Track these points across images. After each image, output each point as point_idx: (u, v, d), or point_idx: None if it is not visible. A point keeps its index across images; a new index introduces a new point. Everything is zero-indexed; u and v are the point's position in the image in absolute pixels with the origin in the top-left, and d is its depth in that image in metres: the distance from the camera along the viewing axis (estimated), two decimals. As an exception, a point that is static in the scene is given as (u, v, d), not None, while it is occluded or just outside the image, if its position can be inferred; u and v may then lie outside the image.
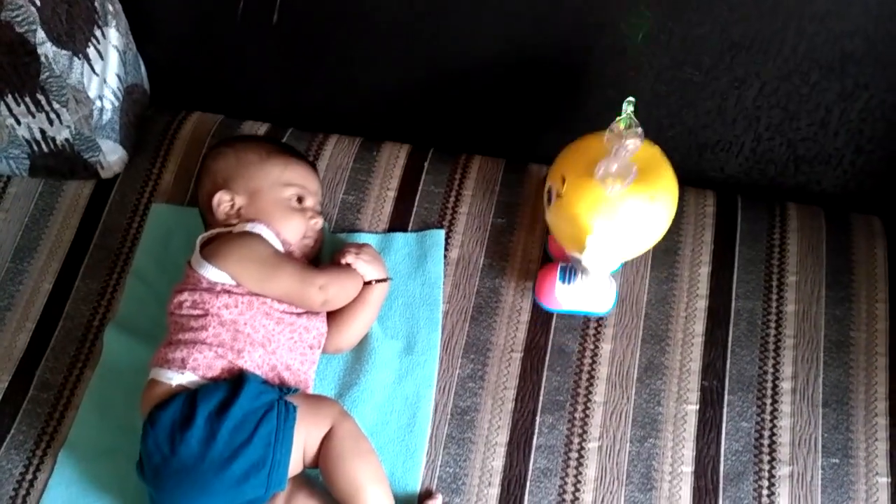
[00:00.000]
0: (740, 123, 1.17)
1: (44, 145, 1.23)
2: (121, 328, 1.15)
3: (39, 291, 1.20)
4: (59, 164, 1.26)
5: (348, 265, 1.09)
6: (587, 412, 1.09)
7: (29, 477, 1.07)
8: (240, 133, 1.30)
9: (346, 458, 0.97)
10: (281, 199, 1.11)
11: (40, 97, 1.16)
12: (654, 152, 1.02)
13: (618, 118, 0.96)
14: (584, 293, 1.11)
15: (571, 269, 1.12)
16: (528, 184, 1.26)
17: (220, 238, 1.06)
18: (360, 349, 1.12)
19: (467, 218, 1.23)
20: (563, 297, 1.11)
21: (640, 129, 0.95)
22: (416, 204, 1.24)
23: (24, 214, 1.26)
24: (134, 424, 1.01)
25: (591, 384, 1.11)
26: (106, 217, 1.26)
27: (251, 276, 1.03)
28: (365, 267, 1.09)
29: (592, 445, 1.08)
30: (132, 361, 1.10)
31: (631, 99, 0.95)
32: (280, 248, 1.08)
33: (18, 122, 1.20)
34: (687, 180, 1.25)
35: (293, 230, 1.10)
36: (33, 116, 1.18)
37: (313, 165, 1.21)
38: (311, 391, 1.07)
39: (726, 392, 1.10)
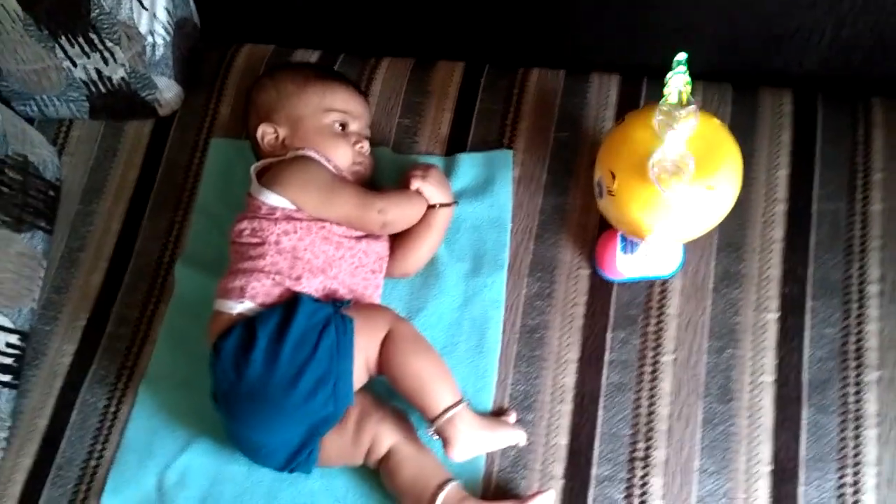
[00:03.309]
0: (821, 6, 1.08)
1: (101, 86, 1.23)
2: (190, 263, 1.17)
3: (109, 231, 1.22)
4: (117, 104, 1.26)
5: (415, 190, 1.07)
6: (661, 325, 1.06)
7: (112, 409, 1.11)
8: (295, 61, 1.28)
9: (406, 357, 0.96)
10: (323, 126, 1.09)
11: (93, 36, 1.16)
12: (711, 127, 0.93)
13: (665, 89, 0.88)
14: (649, 259, 1.05)
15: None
16: (591, 94, 1.20)
17: (276, 165, 1.05)
18: (427, 273, 1.11)
19: (528, 134, 1.19)
20: (626, 266, 1.06)
21: (693, 106, 0.88)
22: (473, 123, 1.21)
23: (89, 157, 1.28)
24: (208, 355, 1.02)
25: (664, 297, 1.07)
26: (167, 155, 1.26)
27: (311, 199, 1.02)
28: (431, 190, 1.07)
29: (667, 358, 1.04)
30: (203, 294, 1.11)
31: (681, 57, 0.87)
32: (334, 171, 1.07)
33: (74, 64, 1.20)
34: (762, 79, 1.18)
35: (341, 157, 1.08)
36: (88, 57, 1.19)
37: (357, 87, 1.18)
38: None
39: (809, 298, 1.05)
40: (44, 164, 1.23)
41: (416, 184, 1.07)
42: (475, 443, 0.96)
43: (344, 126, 1.11)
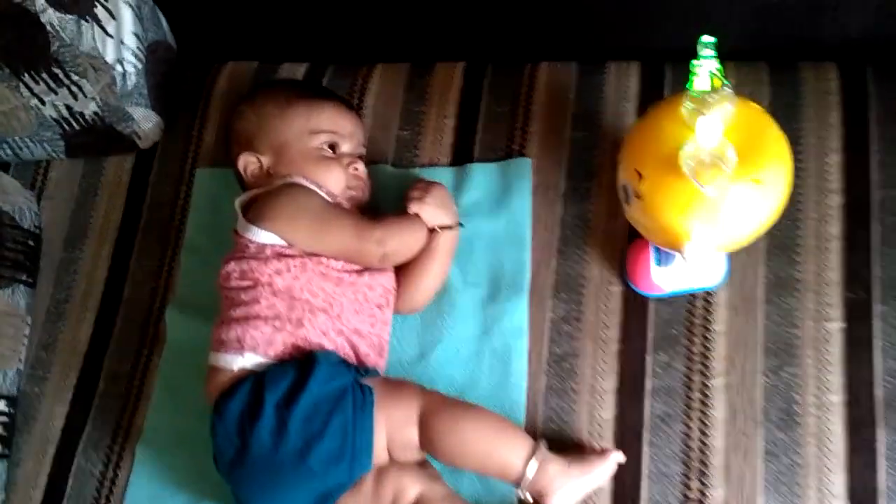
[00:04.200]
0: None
1: (74, 122, 1.14)
2: (182, 308, 1.07)
3: (95, 279, 1.13)
4: (94, 140, 1.17)
5: (413, 214, 0.96)
6: (707, 345, 0.94)
7: (110, 475, 1.02)
8: (276, 78, 1.17)
9: (455, 429, 0.86)
10: (310, 150, 0.98)
11: (56, 71, 1.06)
12: (750, 112, 0.81)
13: (692, 74, 0.76)
14: (688, 269, 0.93)
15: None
16: (608, 87, 1.07)
17: (262, 197, 0.95)
18: (439, 302, 1.00)
19: (541, 137, 1.07)
20: (663, 279, 0.93)
21: (728, 89, 0.76)
22: (479, 130, 1.09)
23: (70, 199, 1.19)
24: (208, 408, 0.92)
25: (709, 312, 0.95)
26: (151, 190, 1.16)
27: (302, 232, 0.91)
28: (430, 212, 0.96)
29: (718, 382, 0.92)
30: (197, 341, 1.01)
31: (708, 39, 0.75)
32: (327, 199, 0.96)
33: (42, 102, 1.11)
34: (800, 54, 1.04)
35: (333, 182, 0.97)
36: (55, 93, 1.09)
37: (346, 103, 1.07)
38: (386, 355, 0.96)
39: (876, 302, 0.92)
40: (20, 213, 1.14)
41: (413, 207, 0.96)
42: (574, 487, 0.85)
43: (334, 147, 1.00)
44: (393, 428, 0.85)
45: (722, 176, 0.74)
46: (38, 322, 1.12)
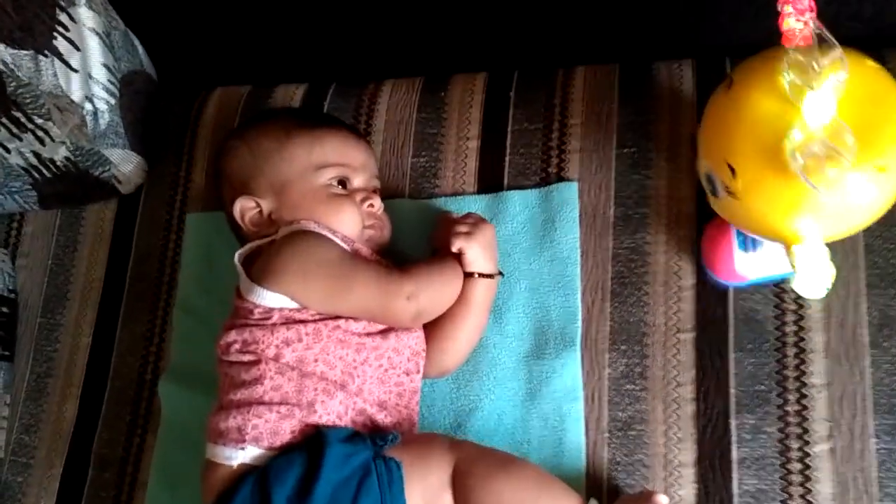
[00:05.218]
0: None
1: (44, 170, 1.00)
2: (177, 378, 0.93)
3: (79, 348, 1.00)
4: (69, 188, 1.03)
5: (456, 252, 0.81)
6: (804, 402, 0.77)
7: (104, 582, 0.88)
8: (268, 106, 1.02)
9: (492, 487, 0.72)
10: (318, 189, 0.83)
11: (17, 114, 0.92)
12: (867, 75, 0.65)
13: (787, 31, 0.61)
14: (776, 254, 0.76)
15: None
16: (658, 91, 0.91)
17: (266, 250, 0.80)
18: (475, 360, 0.85)
19: (581, 156, 0.90)
20: (747, 266, 0.78)
21: (837, 50, 0.60)
22: (507, 151, 0.93)
23: (47, 256, 1.05)
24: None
25: (804, 361, 0.78)
26: (137, 241, 1.02)
27: (318, 292, 0.77)
28: (476, 253, 0.81)
29: (820, 449, 0.76)
30: (197, 416, 0.87)
31: None
32: (344, 246, 0.81)
33: (7, 150, 0.97)
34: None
35: (348, 223, 0.82)
36: (19, 139, 0.95)
37: (354, 130, 0.92)
38: (416, 429, 0.81)
39: None
40: (-9, 277, 1.01)
41: (458, 243, 0.80)
42: None
43: (344, 183, 0.85)
44: (427, 499, 0.71)
45: (839, 170, 0.60)
46: (18, 401, 0.99)
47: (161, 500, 0.89)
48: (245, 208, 0.85)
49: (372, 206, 0.85)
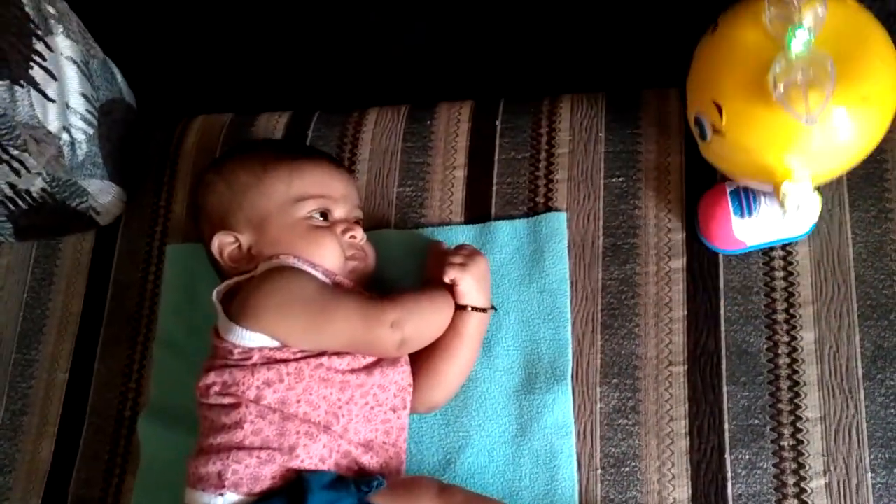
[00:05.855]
0: None
1: (20, 201, 0.97)
2: (157, 415, 0.90)
3: (55, 384, 0.96)
4: (45, 220, 1.00)
5: (449, 283, 0.79)
6: (799, 436, 0.76)
7: None
8: (251, 135, 1.00)
9: None
10: (297, 222, 0.81)
11: (-9, 146, 0.89)
12: (846, 13, 0.67)
13: None
14: (774, 218, 0.77)
15: (747, 192, 0.78)
16: (647, 119, 0.90)
17: (244, 288, 0.77)
18: (464, 395, 0.84)
19: (569, 186, 0.89)
20: (745, 232, 0.78)
21: None
22: (495, 180, 0.92)
23: (22, 290, 1.02)
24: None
25: (798, 394, 0.77)
26: (115, 274, 0.99)
27: (297, 328, 0.74)
28: (469, 285, 0.79)
29: (817, 484, 0.74)
30: (178, 456, 0.84)
31: None
32: (324, 279, 0.79)
33: (-20, 181, 0.94)
34: None
35: (329, 256, 0.80)
36: (-7, 171, 0.92)
37: (333, 160, 0.91)
38: (404, 467, 0.78)
39: None
40: (-37, 311, 0.97)
41: (451, 273, 0.79)
42: None
43: (325, 214, 0.83)
44: None
45: (822, 99, 0.61)
46: (-8, 440, 0.95)
47: (140, 544, 0.86)
48: (223, 244, 0.83)
49: (354, 237, 0.83)
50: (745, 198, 0.79)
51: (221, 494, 0.70)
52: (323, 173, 0.85)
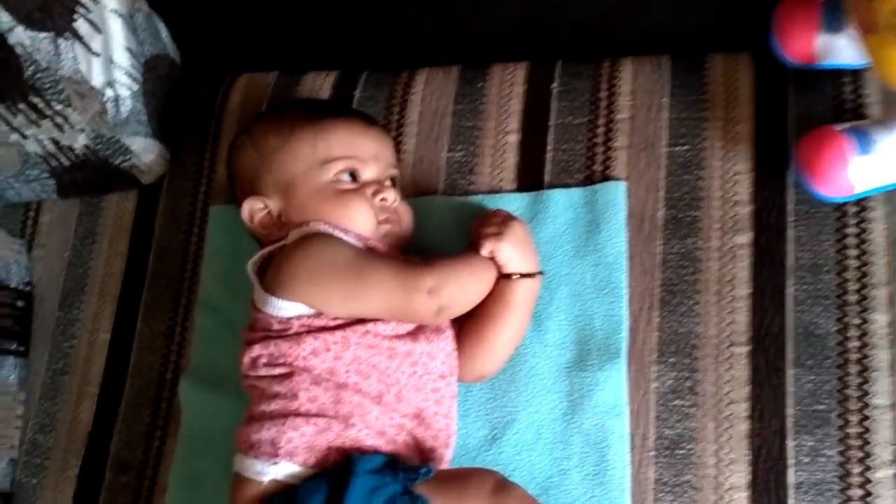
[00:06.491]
0: None
1: (63, 158, 0.96)
2: (198, 378, 0.89)
3: (96, 344, 0.96)
4: (88, 177, 0.99)
5: (488, 255, 0.76)
6: (867, 424, 0.72)
7: (121, 592, 0.84)
8: (296, 94, 0.97)
9: None
10: (323, 185, 0.78)
11: (35, 100, 0.88)
12: None
13: None
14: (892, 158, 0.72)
15: (864, 131, 0.73)
16: (714, 85, 0.85)
17: (276, 257, 0.75)
18: (512, 370, 0.80)
19: (629, 153, 0.85)
20: (860, 173, 0.73)
21: None
22: (550, 147, 0.88)
23: (65, 247, 1.01)
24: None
25: (867, 380, 0.73)
26: (159, 234, 0.98)
27: (334, 296, 0.72)
28: (509, 253, 0.76)
29: (883, 474, 0.71)
30: (220, 420, 0.85)
31: None
32: (357, 244, 0.76)
33: (24, 137, 0.93)
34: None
35: (359, 220, 0.77)
36: (37, 126, 0.91)
37: (365, 117, 0.86)
38: (453, 441, 0.76)
39: None
40: (7, 269, 0.97)
41: (487, 245, 0.75)
42: None
43: (355, 175, 0.80)
44: None
45: None
46: (33, 399, 0.96)
47: (180, 506, 0.85)
48: (254, 210, 0.80)
49: (385, 199, 0.80)
50: (862, 136, 0.73)
51: (275, 463, 0.68)
52: (351, 133, 0.82)
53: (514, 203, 0.86)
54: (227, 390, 0.86)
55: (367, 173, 0.80)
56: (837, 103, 0.81)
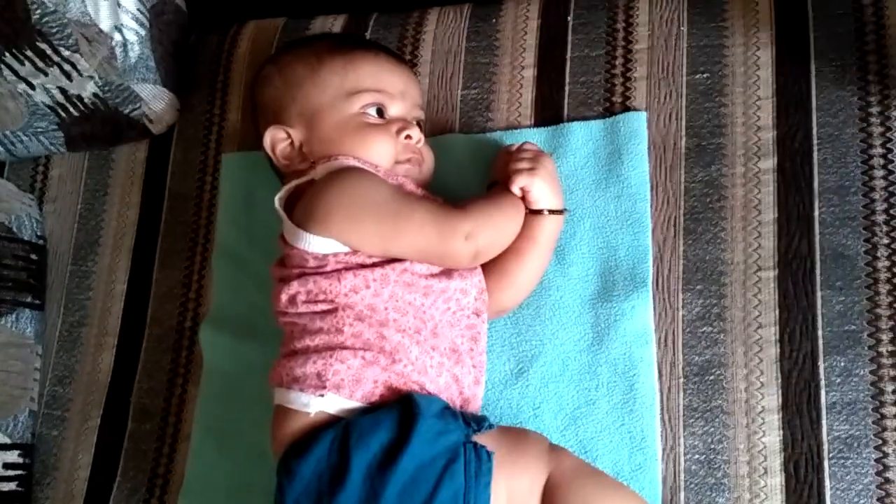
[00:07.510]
0: None
1: (71, 108, 0.94)
2: (219, 325, 0.88)
3: (113, 295, 0.95)
4: (97, 128, 0.97)
5: (519, 191, 0.75)
6: (899, 343, 0.71)
7: (148, 537, 0.84)
8: (308, 35, 0.95)
9: None
10: (349, 118, 0.77)
11: (42, 46, 0.87)
12: None
13: None
14: None
15: None
16: (734, 10, 0.84)
17: (307, 192, 0.74)
18: (537, 302, 0.80)
19: (648, 84, 0.84)
20: None
21: None
22: (567, 80, 0.86)
23: (76, 200, 1.00)
24: (263, 448, 0.73)
25: (898, 299, 0.72)
26: (171, 184, 0.97)
27: (370, 235, 0.71)
28: (541, 189, 0.75)
29: (918, 391, 0.70)
30: (242, 365, 0.85)
31: None
32: (391, 183, 0.75)
33: (32, 87, 0.91)
34: None
35: (377, 154, 0.76)
36: (45, 74, 0.90)
37: (394, 54, 0.85)
38: (484, 379, 0.75)
39: None
40: (19, 222, 0.96)
41: (520, 180, 0.74)
42: None
43: (381, 111, 0.78)
44: (512, 500, 0.65)
45: None
46: (51, 351, 0.95)
47: (206, 454, 0.85)
48: (276, 139, 0.79)
49: (410, 137, 0.78)
50: None
51: (322, 395, 0.67)
52: (381, 67, 0.81)
53: (532, 138, 0.84)
54: (249, 334, 0.85)
55: (394, 109, 0.79)
56: (858, 25, 0.80)
